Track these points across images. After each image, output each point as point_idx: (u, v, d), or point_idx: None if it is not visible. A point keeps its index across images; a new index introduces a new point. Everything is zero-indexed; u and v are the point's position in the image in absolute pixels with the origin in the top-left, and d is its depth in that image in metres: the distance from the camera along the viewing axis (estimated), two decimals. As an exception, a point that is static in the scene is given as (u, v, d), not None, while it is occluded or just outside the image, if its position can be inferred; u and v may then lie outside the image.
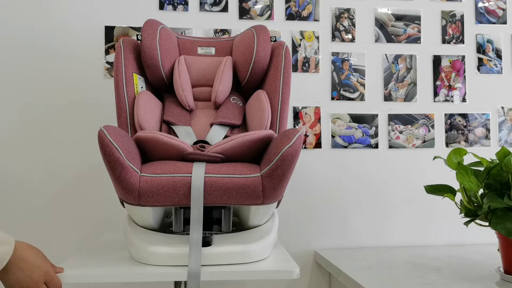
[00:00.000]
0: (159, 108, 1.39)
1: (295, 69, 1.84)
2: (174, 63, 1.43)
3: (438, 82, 1.91)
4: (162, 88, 1.45)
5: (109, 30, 1.77)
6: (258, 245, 1.15)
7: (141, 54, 1.38)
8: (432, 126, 1.90)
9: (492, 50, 1.94)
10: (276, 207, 1.28)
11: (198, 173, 1.08)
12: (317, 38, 1.86)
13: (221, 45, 1.52)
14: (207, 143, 1.29)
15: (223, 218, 1.23)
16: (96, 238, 1.69)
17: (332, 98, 1.86)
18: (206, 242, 1.13)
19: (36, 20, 1.74)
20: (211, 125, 1.36)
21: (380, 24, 1.90)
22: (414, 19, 1.91)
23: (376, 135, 1.87)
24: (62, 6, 1.75)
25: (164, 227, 1.27)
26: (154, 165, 1.10)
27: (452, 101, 1.91)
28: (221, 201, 1.10)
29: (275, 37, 1.48)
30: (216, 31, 1.81)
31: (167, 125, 1.35)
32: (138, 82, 1.39)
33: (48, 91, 1.73)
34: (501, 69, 1.94)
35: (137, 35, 1.42)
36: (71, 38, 1.75)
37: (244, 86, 1.46)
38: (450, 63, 1.92)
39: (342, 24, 1.88)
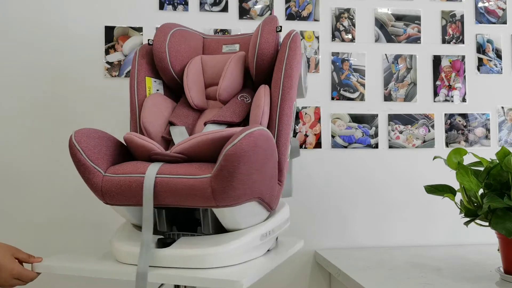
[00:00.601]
0: (169, 110, 1.39)
1: (295, 69, 1.84)
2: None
3: (438, 82, 1.91)
4: (179, 89, 1.45)
5: (109, 30, 1.77)
6: (215, 250, 1.08)
7: (154, 57, 1.40)
8: (432, 126, 1.90)
9: (492, 50, 1.94)
10: (272, 209, 1.23)
11: (151, 173, 1.08)
12: (317, 38, 1.86)
13: (245, 41, 1.49)
14: None
15: (202, 219, 1.19)
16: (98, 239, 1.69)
17: (332, 98, 1.86)
18: (168, 243, 1.11)
19: (36, 20, 1.74)
20: (205, 124, 1.32)
21: (380, 24, 1.90)
22: (414, 19, 1.91)
23: (376, 135, 1.87)
24: (62, 6, 1.75)
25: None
26: (120, 166, 1.14)
27: (452, 101, 1.91)
28: (173, 202, 1.08)
29: (280, 26, 1.36)
30: (216, 31, 1.81)
31: (170, 126, 1.36)
32: (152, 85, 1.41)
33: (48, 91, 1.73)
34: (501, 69, 1.94)
35: (148, 40, 1.43)
36: (71, 38, 1.75)
37: (255, 82, 1.40)
38: (450, 63, 1.92)
39: (342, 24, 1.88)
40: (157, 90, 1.42)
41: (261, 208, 1.17)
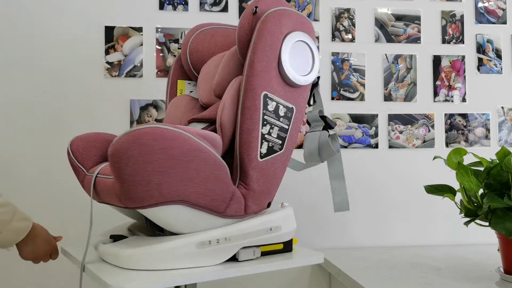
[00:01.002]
0: (192, 109, 1.38)
1: (295, 69, 1.84)
2: None
3: (438, 82, 1.91)
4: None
5: (109, 30, 1.76)
6: (131, 252, 1.06)
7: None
8: (432, 126, 1.90)
9: (492, 50, 1.94)
10: (225, 215, 1.11)
11: (95, 173, 1.13)
12: (317, 38, 1.86)
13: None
14: None
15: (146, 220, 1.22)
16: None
17: (332, 98, 1.86)
18: (116, 240, 1.15)
19: (36, 20, 1.73)
20: (189, 121, 1.27)
21: (380, 24, 1.90)
22: (414, 19, 1.91)
23: (376, 135, 1.87)
24: (62, 6, 1.75)
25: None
26: (99, 165, 1.18)
27: (452, 101, 1.91)
28: (107, 201, 1.10)
29: (256, 7, 1.16)
30: (216, 31, 1.81)
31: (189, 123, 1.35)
32: (185, 87, 1.44)
33: (48, 90, 1.73)
34: (501, 69, 1.94)
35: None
36: (71, 38, 1.75)
37: None
38: (450, 63, 1.92)
39: (342, 24, 1.88)
40: (191, 91, 1.44)
41: (199, 213, 1.05)
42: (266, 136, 1.13)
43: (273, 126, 1.14)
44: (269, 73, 1.12)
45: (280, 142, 1.15)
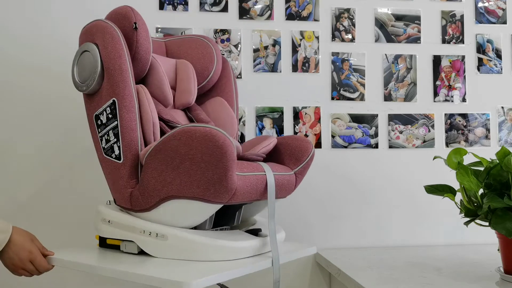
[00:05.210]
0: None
1: (295, 69, 1.84)
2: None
3: (438, 82, 1.91)
4: (136, 83, 1.34)
5: (109, 30, 1.76)
6: (283, 234, 1.35)
7: (135, 45, 1.28)
8: (432, 126, 1.90)
9: (492, 50, 1.94)
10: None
11: (269, 171, 1.23)
12: (317, 38, 1.86)
13: (153, 44, 1.44)
14: None
15: (241, 214, 1.34)
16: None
17: (332, 98, 1.86)
18: (255, 234, 1.27)
19: (36, 20, 1.73)
20: None
21: (380, 24, 1.90)
22: (414, 19, 1.91)
23: (376, 135, 1.87)
24: (62, 6, 1.75)
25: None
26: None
27: (452, 101, 1.91)
28: (279, 195, 1.27)
29: (135, 23, 1.28)
30: (216, 31, 1.81)
31: (164, 123, 1.33)
32: None
33: (48, 90, 1.73)
34: (501, 69, 1.94)
35: (135, 23, 1.28)
36: (71, 38, 1.74)
37: (199, 89, 1.51)
38: (450, 63, 1.92)
39: (342, 24, 1.88)
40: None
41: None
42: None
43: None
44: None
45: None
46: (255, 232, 1.28)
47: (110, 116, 1.23)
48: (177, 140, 1.11)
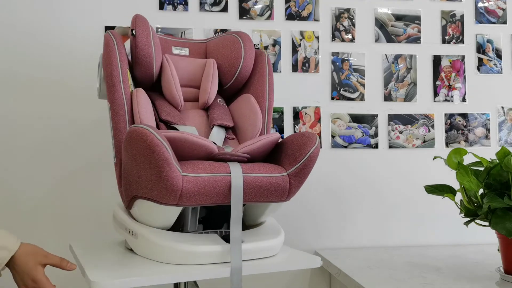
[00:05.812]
0: (152, 107, 1.37)
1: (295, 69, 1.84)
2: (162, 61, 1.41)
3: (438, 82, 1.91)
4: (148, 86, 1.41)
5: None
6: (278, 240, 1.23)
7: (135, 50, 1.33)
8: (432, 126, 1.90)
9: (492, 50, 1.94)
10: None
11: (237, 172, 1.12)
12: (317, 38, 1.86)
13: (195, 46, 1.52)
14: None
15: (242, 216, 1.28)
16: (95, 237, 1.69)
17: (332, 98, 1.86)
18: (225, 239, 1.17)
19: (36, 20, 1.73)
20: (212, 126, 1.36)
21: (380, 24, 1.90)
22: (414, 19, 1.91)
23: (376, 135, 1.87)
24: (62, 6, 1.75)
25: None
26: (191, 164, 1.12)
27: (452, 101, 1.92)
28: (254, 199, 1.15)
29: (258, 44, 1.47)
30: (216, 31, 1.81)
31: (165, 124, 1.34)
32: (130, 80, 1.36)
33: (48, 90, 1.73)
34: (501, 69, 1.94)
35: (132, 30, 1.34)
36: (71, 38, 1.75)
37: (227, 89, 1.48)
38: (450, 63, 1.92)
39: (342, 24, 1.88)
40: (131, 84, 1.36)
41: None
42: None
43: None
44: None
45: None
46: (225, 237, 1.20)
47: (110, 120, 1.28)
48: (125, 141, 1.12)
